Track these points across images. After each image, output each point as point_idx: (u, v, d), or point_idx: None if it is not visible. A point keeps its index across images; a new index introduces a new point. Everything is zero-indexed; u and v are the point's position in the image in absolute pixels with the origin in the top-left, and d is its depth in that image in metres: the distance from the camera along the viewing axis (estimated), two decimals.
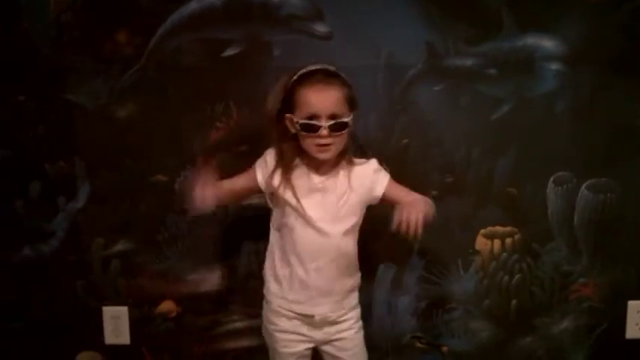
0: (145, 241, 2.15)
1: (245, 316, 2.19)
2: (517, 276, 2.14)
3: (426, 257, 2.12)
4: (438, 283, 2.14)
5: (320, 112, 1.60)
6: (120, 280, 2.17)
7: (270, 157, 1.73)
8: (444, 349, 2.19)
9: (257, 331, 2.13)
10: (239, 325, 2.20)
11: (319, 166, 1.70)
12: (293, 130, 1.67)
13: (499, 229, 2.11)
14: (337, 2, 1.98)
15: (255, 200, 2.08)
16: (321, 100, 1.61)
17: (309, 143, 1.64)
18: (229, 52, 2.02)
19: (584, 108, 2.03)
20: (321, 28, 1.99)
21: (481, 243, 2.12)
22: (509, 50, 2.00)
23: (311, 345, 1.79)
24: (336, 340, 1.78)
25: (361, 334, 1.82)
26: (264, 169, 1.74)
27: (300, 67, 1.68)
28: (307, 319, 1.75)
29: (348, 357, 1.79)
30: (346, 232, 1.71)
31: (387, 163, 2.01)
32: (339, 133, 1.62)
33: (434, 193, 2.06)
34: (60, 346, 2.21)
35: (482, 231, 2.11)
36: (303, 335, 1.77)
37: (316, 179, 1.70)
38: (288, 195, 1.69)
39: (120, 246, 2.15)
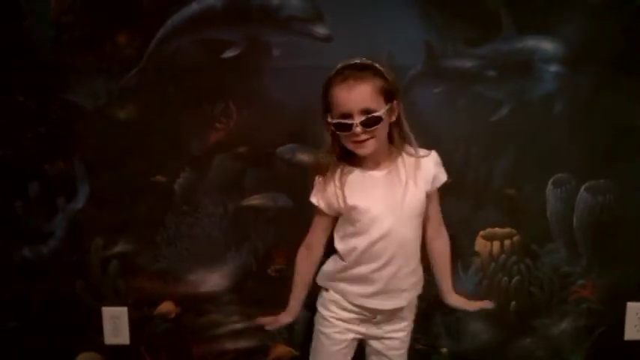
0: (145, 242, 2.15)
1: (244, 316, 2.19)
2: (516, 277, 2.14)
3: (425, 259, 2.12)
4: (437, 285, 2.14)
5: (351, 109, 1.59)
6: (119, 280, 2.17)
7: (318, 182, 1.73)
8: (444, 350, 2.19)
9: (256, 331, 2.14)
10: (238, 325, 2.20)
11: (374, 163, 1.69)
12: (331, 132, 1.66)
13: (498, 230, 2.12)
14: (337, 3, 1.98)
15: (254, 201, 2.09)
16: (350, 97, 1.59)
17: (347, 141, 1.64)
18: (229, 53, 2.02)
19: (583, 110, 2.03)
20: (320, 29, 1.99)
21: (480, 244, 2.12)
22: (509, 52, 2.00)
23: (359, 337, 1.80)
24: (388, 338, 1.79)
25: (410, 338, 1.84)
26: (320, 197, 1.73)
27: (301, 68, 1.69)
28: (369, 315, 1.76)
29: (394, 357, 1.81)
30: (412, 224, 1.71)
31: None
32: (373, 127, 1.60)
33: None
34: (59, 346, 2.21)
35: (481, 232, 2.12)
36: (358, 327, 1.78)
37: (376, 174, 1.69)
38: (345, 196, 1.68)
39: (119, 246, 2.15)
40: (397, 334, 1.80)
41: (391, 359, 1.81)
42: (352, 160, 1.70)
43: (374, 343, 1.81)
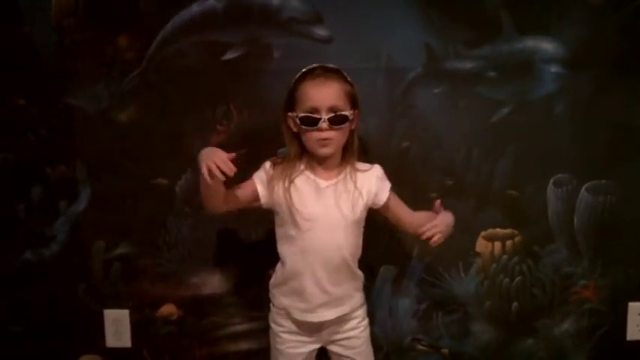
0: (146, 245, 2.15)
1: (246, 319, 2.19)
2: (517, 278, 2.14)
3: (426, 259, 2.13)
4: (439, 286, 2.14)
5: (319, 105, 1.63)
6: (121, 283, 2.17)
7: (268, 167, 1.75)
8: (445, 351, 2.19)
9: (258, 334, 2.14)
10: (240, 328, 2.19)
11: (324, 171, 1.72)
12: (295, 129, 1.69)
13: (499, 231, 2.11)
14: (337, 5, 1.99)
15: (256, 204, 2.09)
16: (321, 92, 1.64)
17: (310, 138, 1.66)
18: (230, 55, 2.02)
19: (584, 110, 2.03)
20: (320, 31, 2.00)
21: (481, 245, 2.12)
22: (509, 53, 2.00)
23: (317, 345, 1.81)
24: (343, 339, 1.79)
25: (367, 331, 1.84)
26: (264, 181, 1.74)
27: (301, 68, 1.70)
28: (313, 324, 1.76)
29: (355, 355, 1.80)
30: (351, 237, 1.73)
31: (387, 166, 2.01)
32: (339, 126, 1.64)
33: (434, 195, 2.06)
34: (61, 349, 2.21)
35: (482, 233, 2.12)
36: (310, 337, 1.78)
37: (323, 184, 1.71)
38: (292, 201, 1.69)
39: (121, 249, 2.16)
40: (353, 332, 1.80)
41: (354, 358, 1.81)
42: (305, 164, 1.73)
43: (332, 347, 1.81)
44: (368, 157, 1.97)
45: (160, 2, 2.00)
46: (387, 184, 1.79)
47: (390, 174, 1.97)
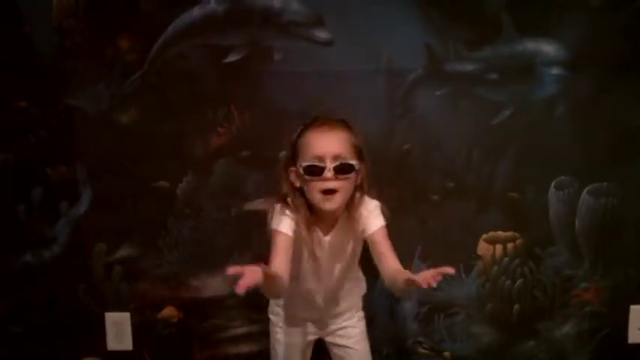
0: (147, 247, 2.15)
1: (247, 321, 2.19)
2: (519, 280, 2.14)
3: (427, 262, 2.12)
4: (440, 288, 2.13)
5: (324, 153, 1.56)
6: (122, 285, 2.17)
7: (284, 209, 1.66)
8: (446, 354, 2.18)
9: (259, 336, 2.14)
10: (241, 330, 2.19)
11: (329, 228, 1.68)
12: (298, 183, 1.62)
13: (500, 233, 2.11)
14: (338, 8, 1.99)
15: (257, 206, 2.09)
16: (325, 140, 1.58)
17: (314, 189, 1.58)
18: (231, 57, 2.02)
19: (585, 112, 2.03)
20: (321, 33, 2.00)
21: (483, 248, 2.12)
22: (510, 55, 2.00)
23: (315, 337, 1.83)
24: (339, 329, 1.82)
25: (363, 322, 1.86)
26: (290, 224, 1.64)
27: (303, 72, 1.69)
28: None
29: (352, 344, 1.82)
30: (353, 263, 1.78)
31: (388, 168, 2.03)
32: (346, 176, 1.57)
33: (435, 197, 2.07)
34: (62, 351, 2.21)
35: (483, 236, 2.11)
36: (308, 328, 1.82)
37: (325, 238, 1.68)
38: (307, 245, 1.67)
39: (122, 251, 2.16)
40: (349, 322, 1.82)
41: (352, 347, 1.82)
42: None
43: (330, 338, 1.84)
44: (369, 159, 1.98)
45: (161, 4, 2.01)
46: (378, 221, 1.67)
47: (391, 176, 1.99)
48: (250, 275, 1.39)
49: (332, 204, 1.58)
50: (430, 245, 2.10)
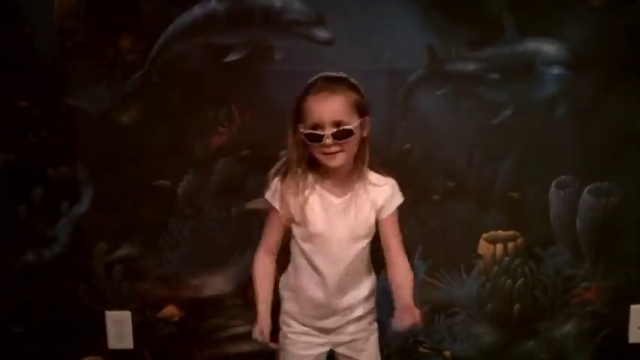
0: (148, 246, 2.15)
1: (248, 320, 2.17)
2: (519, 280, 2.14)
3: (428, 261, 2.13)
4: (440, 288, 2.14)
5: (323, 121, 1.59)
6: (123, 284, 2.18)
7: (277, 182, 1.71)
8: (447, 353, 2.19)
9: None
10: (241, 329, 2.19)
11: (334, 185, 1.69)
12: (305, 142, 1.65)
13: (501, 233, 2.11)
14: (339, 7, 1.99)
15: (257, 205, 2.09)
16: (324, 108, 1.59)
17: (317, 152, 1.63)
18: (231, 57, 2.02)
19: (586, 112, 2.03)
20: (322, 33, 2.00)
21: (483, 247, 2.12)
22: (511, 55, 2.00)
23: (327, 348, 1.79)
24: (351, 341, 1.78)
25: (376, 336, 1.83)
26: (277, 200, 1.70)
27: (303, 72, 1.68)
28: (319, 328, 1.77)
29: (365, 358, 1.80)
30: (361, 250, 1.72)
31: (389, 167, 2.01)
32: (344, 140, 1.60)
33: (436, 197, 2.07)
34: (63, 350, 2.21)
35: (484, 235, 2.12)
36: (319, 338, 1.77)
37: (336, 201, 1.69)
38: (307, 216, 1.67)
39: (123, 251, 2.16)
40: (361, 335, 1.79)
41: None
42: (314, 174, 1.70)
43: (340, 349, 1.80)
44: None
45: (161, 3, 2.00)
46: (396, 201, 1.73)
47: (392, 176, 1.98)
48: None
49: (335, 162, 1.62)
50: (431, 245, 2.10)
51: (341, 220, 1.68)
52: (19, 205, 2.13)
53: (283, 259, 1.80)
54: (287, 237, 1.76)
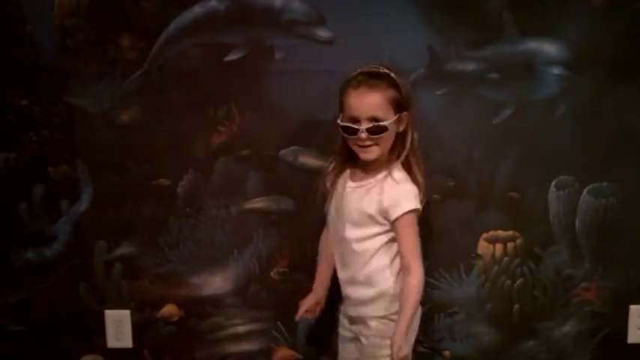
0: (148, 245, 2.15)
1: (247, 319, 2.19)
2: (519, 280, 2.14)
3: (427, 261, 2.12)
4: (440, 287, 2.14)
5: (359, 116, 1.64)
6: (122, 283, 2.18)
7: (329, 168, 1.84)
8: (446, 353, 2.19)
9: (259, 335, 2.15)
10: (241, 328, 2.19)
11: (363, 173, 1.75)
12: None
13: (501, 233, 2.11)
14: (339, 7, 1.99)
15: (257, 204, 2.09)
16: (361, 103, 1.65)
17: (352, 144, 1.70)
18: (232, 56, 2.02)
19: (586, 112, 2.03)
20: (323, 32, 2.00)
21: (483, 247, 2.12)
22: (511, 54, 2.00)
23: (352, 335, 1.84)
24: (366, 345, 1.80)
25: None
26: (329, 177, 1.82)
27: (303, 71, 1.71)
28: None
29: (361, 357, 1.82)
30: (363, 239, 1.73)
31: None
32: (379, 136, 1.65)
33: (435, 196, 2.07)
34: (62, 349, 2.21)
35: (484, 235, 2.11)
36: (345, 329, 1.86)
37: (351, 184, 1.75)
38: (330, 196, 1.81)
39: (122, 249, 2.16)
40: (375, 341, 1.77)
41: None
42: (355, 161, 1.77)
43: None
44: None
45: (162, 3, 2.00)
46: (401, 208, 1.68)
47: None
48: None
49: (369, 155, 1.69)
50: (430, 244, 2.10)
51: (348, 202, 1.74)
52: (19, 204, 2.13)
53: None
54: None
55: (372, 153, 1.68)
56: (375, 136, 1.65)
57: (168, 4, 2.00)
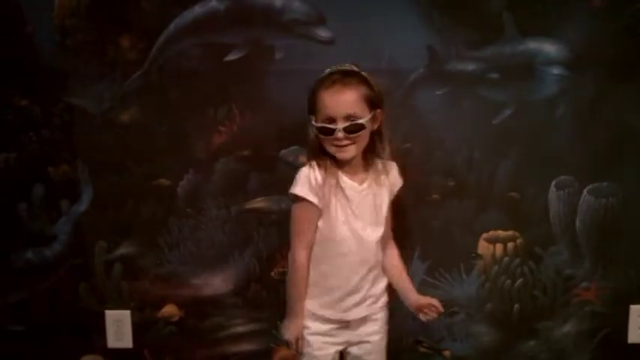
0: (148, 245, 2.15)
1: (247, 320, 2.19)
2: (519, 280, 2.14)
3: (427, 261, 2.13)
4: (440, 287, 2.14)
5: (335, 115, 1.62)
6: (122, 283, 2.18)
7: (312, 175, 1.69)
8: (446, 353, 2.19)
9: (259, 335, 2.14)
10: (241, 329, 2.19)
11: (350, 173, 1.71)
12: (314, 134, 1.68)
13: (501, 233, 2.11)
14: (339, 7, 1.99)
15: (257, 204, 2.09)
16: (337, 101, 1.63)
17: (328, 144, 1.66)
18: (232, 56, 2.03)
19: (586, 112, 2.03)
20: (323, 32, 2.00)
21: (483, 247, 2.12)
22: (511, 54, 2.00)
23: (341, 347, 1.80)
24: (364, 342, 1.79)
25: (385, 340, 1.84)
26: (314, 191, 1.68)
27: (304, 71, 1.70)
28: (342, 323, 1.76)
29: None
30: (379, 230, 1.75)
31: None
32: (356, 134, 1.64)
33: (435, 196, 2.07)
34: (62, 349, 2.21)
35: (484, 235, 2.12)
36: (336, 337, 1.77)
37: (358, 188, 1.71)
38: (339, 204, 1.69)
39: (122, 249, 2.16)
40: (373, 338, 1.80)
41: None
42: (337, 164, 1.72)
43: (353, 350, 1.81)
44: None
45: (162, 3, 2.01)
46: (400, 182, 1.81)
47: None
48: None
49: (346, 153, 1.66)
50: (430, 244, 2.10)
51: (366, 204, 1.72)
52: (19, 204, 2.13)
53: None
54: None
55: (349, 152, 1.66)
56: (352, 135, 1.63)
57: (169, 4, 2.01)
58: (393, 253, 1.84)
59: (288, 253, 1.75)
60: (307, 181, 1.68)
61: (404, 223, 2.09)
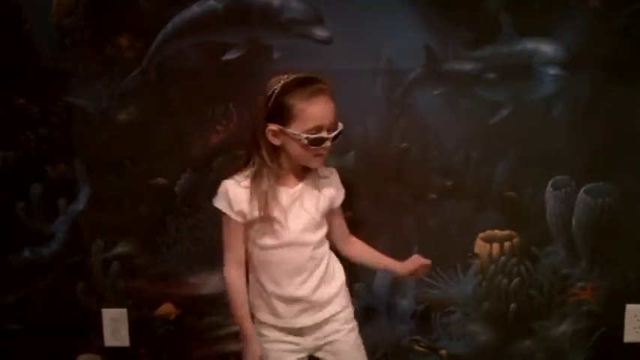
0: (145, 244, 2.15)
1: None
2: (516, 279, 2.14)
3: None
4: (437, 287, 2.14)
5: (325, 124, 1.60)
6: (119, 282, 2.18)
7: (231, 190, 1.65)
8: (443, 352, 2.19)
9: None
10: (238, 327, 2.19)
11: (288, 180, 1.68)
12: (278, 142, 1.62)
13: (498, 232, 2.12)
14: (337, 6, 1.99)
15: None
16: (327, 112, 1.60)
17: (310, 154, 1.61)
18: (230, 55, 2.03)
19: (583, 112, 2.03)
20: (321, 32, 2.00)
21: (480, 246, 2.13)
22: (508, 54, 2.00)
23: (303, 354, 1.75)
24: (328, 343, 1.74)
25: (354, 333, 1.78)
26: (235, 206, 1.64)
27: (301, 71, 1.67)
28: (294, 330, 1.72)
29: (346, 358, 1.76)
30: (321, 240, 1.72)
31: (387, 166, 2.03)
32: (337, 140, 1.65)
33: (433, 196, 2.07)
34: (59, 348, 2.21)
35: (481, 234, 2.12)
36: (294, 344, 1.73)
37: (290, 190, 1.67)
38: (274, 212, 1.64)
39: (120, 248, 2.16)
40: (336, 336, 1.74)
41: None
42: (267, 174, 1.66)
43: (320, 354, 1.76)
44: (367, 158, 1.99)
45: (161, 2, 2.01)
46: (343, 191, 1.78)
47: (389, 174, 1.98)
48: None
49: (321, 161, 1.67)
50: (427, 244, 2.10)
51: (301, 210, 1.67)
52: (17, 203, 2.13)
53: None
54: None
55: (323, 159, 1.66)
56: (335, 141, 1.63)
57: (167, 4, 2.01)
58: (355, 242, 1.85)
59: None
60: (226, 197, 1.65)
61: (401, 222, 2.10)
